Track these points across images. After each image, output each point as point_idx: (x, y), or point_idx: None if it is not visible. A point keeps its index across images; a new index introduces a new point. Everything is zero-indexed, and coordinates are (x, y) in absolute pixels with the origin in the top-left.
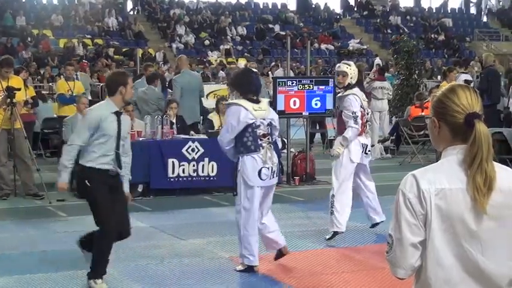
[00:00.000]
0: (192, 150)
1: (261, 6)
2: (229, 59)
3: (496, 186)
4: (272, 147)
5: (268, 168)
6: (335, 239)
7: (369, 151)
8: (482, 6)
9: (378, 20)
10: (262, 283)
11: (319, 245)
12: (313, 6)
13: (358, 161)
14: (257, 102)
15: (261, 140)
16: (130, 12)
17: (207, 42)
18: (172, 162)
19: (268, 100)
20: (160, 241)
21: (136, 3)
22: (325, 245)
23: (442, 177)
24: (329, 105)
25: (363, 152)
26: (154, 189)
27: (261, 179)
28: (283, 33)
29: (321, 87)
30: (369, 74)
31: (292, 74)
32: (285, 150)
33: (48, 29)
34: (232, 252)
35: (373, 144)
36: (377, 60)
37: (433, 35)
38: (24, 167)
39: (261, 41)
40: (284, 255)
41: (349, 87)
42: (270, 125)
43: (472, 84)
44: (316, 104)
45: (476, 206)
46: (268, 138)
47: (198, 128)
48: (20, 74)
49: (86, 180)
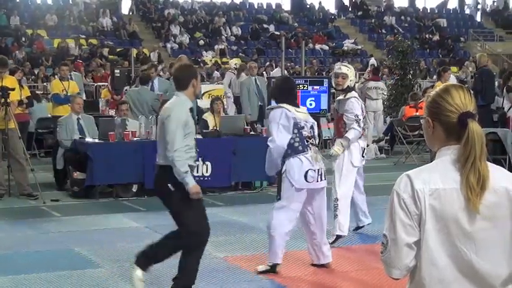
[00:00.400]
0: None
1: (256, 6)
2: (224, 59)
3: (490, 186)
4: (318, 149)
5: (315, 171)
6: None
7: (365, 154)
8: (480, 6)
9: (373, 20)
10: (256, 283)
11: None
12: (308, 6)
13: (359, 165)
14: (297, 106)
15: (307, 141)
16: (125, 12)
17: (201, 42)
18: None
19: (305, 107)
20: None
21: (131, 3)
22: None
23: (436, 177)
24: (323, 105)
25: (361, 155)
26: (149, 189)
27: (307, 181)
28: (278, 33)
29: (315, 87)
30: (363, 74)
31: (286, 73)
32: None
33: (43, 29)
34: (226, 252)
35: (368, 145)
36: (371, 61)
37: (427, 35)
38: (19, 167)
39: (256, 41)
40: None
41: (349, 90)
42: (311, 128)
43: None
44: (310, 104)
45: (469, 205)
46: (313, 141)
47: None
48: (15, 74)
49: (169, 184)
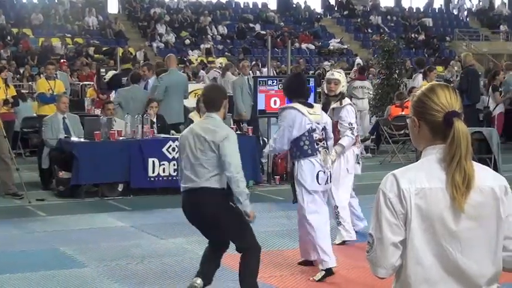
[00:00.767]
0: (173, 149)
1: (242, 6)
2: (210, 58)
3: (476, 185)
4: (328, 151)
5: (324, 173)
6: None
7: (360, 161)
8: (465, 6)
9: (359, 19)
10: None
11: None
12: (294, 5)
13: (355, 171)
14: (311, 106)
15: (317, 144)
16: (112, 11)
17: (187, 41)
18: (153, 161)
19: (320, 105)
20: (141, 240)
21: (118, 2)
22: None
23: (422, 177)
24: None
25: (356, 161)
26: (135, 188)
27: (319, 183)
28: (264, 32)
29: None
30: (349, 73)
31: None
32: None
33: (28, 28)
34: None
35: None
36: (357, 60)
37: (413, 35)
38: (4, 167)
39: (242, 40)
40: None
41: (342, 96)
42: (324, 129)
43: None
44: None
45: (455, 204)
46: (324, 143)
47: (180, 127)
48: (1, 73)
49: (231, 202)
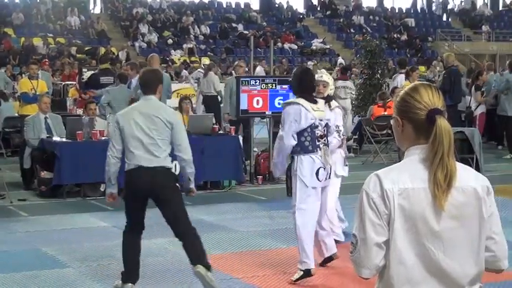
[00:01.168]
0: None
1: (224, 6)
2: (193, 58)
3: (458, 185)
4: (328, 148)
5: (324, 169)
6: (296, 239)
7: (346, 165)
8: (449, 6)
9: (341, 19)
10: (225, 283)
11: (282, 244)
12: (277, 5)
13: (343, 174)
14: (315, 102)
15: (318, 140)
16: (93, 11)
17: (170, 41)
18: None
19: (323, 101)
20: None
21: (100, 1)
22: (287, 244)
23: (405, 177)
24: None
25: (344, 164)
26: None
27: (319, 179)
28: (247, 32)
29: (284, 86)
30: (331, 73)
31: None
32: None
33: (10, 27)
34: None
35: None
36: (340, 60)
37: (395, 35)
38: None
39: (225, 40)
40: (333, 259)
41: (329, 99)
42: (326, 125)
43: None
44: (279, 103)
45: (436, 203)
46: (325, 140)
47: None
48: None
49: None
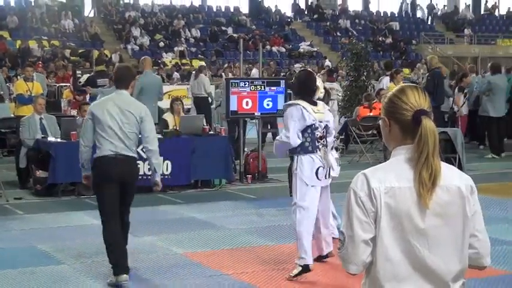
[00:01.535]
0: None
1: (215, 9)
2: (184, 61)
3: (442, 184)
4: (327, 148)
5: (324, 168)
6: (284, 236)
7: (339, 165)
8: (436, 10)
9: (328, 23)
10: (214, 279)
11: (271, 241)
12: (265, 9)
13: (334, 174)
14: (315, 104)
15: (318, 141)
16: (87, 14)
17: (161, 44)
18: None
19: (323, 103)
20: None
21: (93, 5)
22: (276, 241)
23: (392, 176)
24: (280, 106)
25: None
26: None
27: (318, 178)
28: (236, 35)
29: (272, 88)
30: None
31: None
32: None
33: (5, 30)
34: (185, 249)
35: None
36: (327, 62)
37: (380, 38)
38: None
39: (215, 43)
40: (329, 256)
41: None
42: (326, 127)
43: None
44: (268, 104)
45: (421, 201)
46: (324, 141)
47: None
48: None
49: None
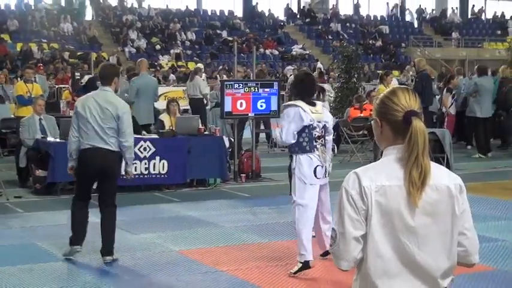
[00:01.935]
0: (144, 149)
1: (210, 13)
2: (180, 63)
3: (432, 183)
4: (325, 148)
5: (322, 167)
6: (277, 233)
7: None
8: (425, 14)
9: (320, 26)
10: (209, 275)
11: (264, 239)
12: (259, 13)
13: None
14: (313, 104)
15: (316, 141)
16: (86, 18)
17: (158, 46)
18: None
19: (322, 103)
20: None
21: (91, 9)
22: (269, 239)
23: (382, 175)
24: (273, 107)
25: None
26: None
27: (316, 177)
28: (231, 38)
29: (266, 89)
30: None
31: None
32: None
33: (6, 33)
34: (181, 246)
35: None
36: (318, 65)
37: (371, 41)
38: None
39: (210, 45)
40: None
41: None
42: (324, 127)
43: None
44: (261, 105)
45: (411, 200)
46: (322, 140)
47: (150, 128)
48: None
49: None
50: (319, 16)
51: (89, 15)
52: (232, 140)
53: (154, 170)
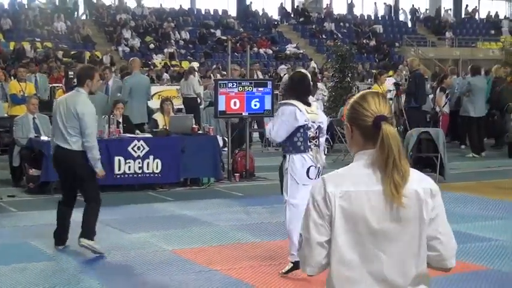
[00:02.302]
0: (138, 148)
1: (203, 12)
2: (173, 62)
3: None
4: (319, 148)
5: (315, 167)
6: (271, 233)
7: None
8: (419, 14)
9: (314, 26)
10: (203, 274)
11: (258, 238)
12: (253, 12)
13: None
14: (309, 104)
15: (310, 141)
16: (81, 17)
17: (151, 45)
18: (119, 159)
19: (316, 104)
20: (107, 235)
21: (84, 7)
22: (262, 238)
23: (348, 181)
24: (267, 106)
25: None
26: (101, 185)
27: (309, 177)
28: (224, 37)
29: (259, 89)
30: None
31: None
32: (226, 148)
33: None
34: (174, 245)
35: None
36: (312, 64)
37: (364, 41)
38: None
39: (203, 45)
40: None
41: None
42: (318, 128)
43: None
44: (255, 104)
45: (394, 201)
46: (316, 141)
47: (144, 127)
48: None
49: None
50: (313, 15)
51: (83, 14)
52: (226, 139)
53: (148, 169)
